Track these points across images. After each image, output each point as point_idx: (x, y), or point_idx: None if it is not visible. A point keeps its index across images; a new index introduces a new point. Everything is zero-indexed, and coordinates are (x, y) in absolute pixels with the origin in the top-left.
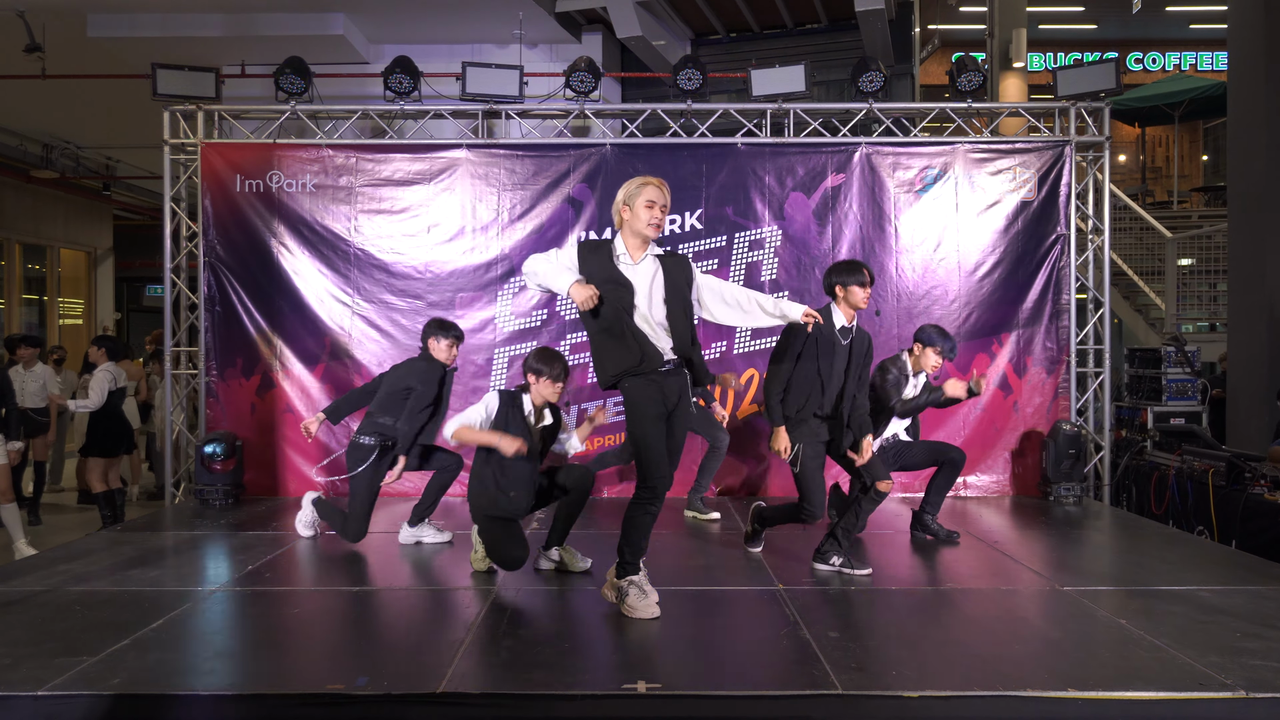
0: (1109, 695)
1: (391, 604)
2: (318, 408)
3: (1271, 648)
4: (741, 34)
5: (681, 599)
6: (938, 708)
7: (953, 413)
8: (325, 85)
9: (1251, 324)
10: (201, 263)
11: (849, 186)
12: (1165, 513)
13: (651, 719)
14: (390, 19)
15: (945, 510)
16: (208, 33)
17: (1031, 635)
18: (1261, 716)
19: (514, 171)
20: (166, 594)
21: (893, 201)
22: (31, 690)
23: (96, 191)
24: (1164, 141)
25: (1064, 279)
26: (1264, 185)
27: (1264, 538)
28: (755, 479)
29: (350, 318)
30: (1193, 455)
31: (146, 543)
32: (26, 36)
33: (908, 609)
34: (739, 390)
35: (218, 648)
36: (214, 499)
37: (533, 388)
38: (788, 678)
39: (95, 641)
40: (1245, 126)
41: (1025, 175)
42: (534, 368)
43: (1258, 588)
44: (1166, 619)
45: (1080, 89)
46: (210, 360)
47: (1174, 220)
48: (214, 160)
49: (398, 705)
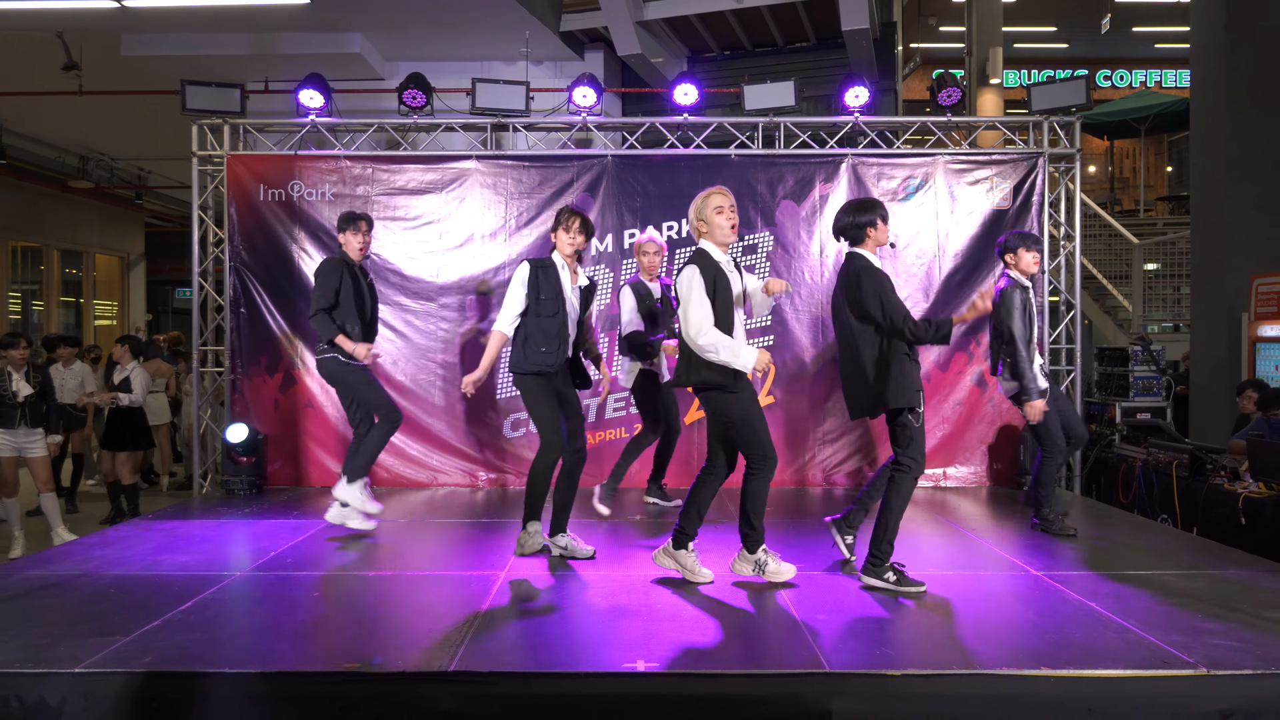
0: (1080, 673)
1: (406, 588)
2: (337, 404)
3: (1231, 628)
4: (735, 52)
5: (677, 583)
6: (919, 685)
7: (933, 408)
8: (343, 100)
9: (1212, 325)
10: (227, 267)
11: (836, 195)
12: (1132, 502)
13: (649, 695)
14: (405, 38)
15: (924, 501)
16: (233, 51)
17: (1007, 618)
18: (1221, 692)
19: (520, 181)
20: (195, 578)
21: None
22: (69, 667)
23: (129, 201)
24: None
25: (1037, 283)
26: (1224, 195)
27: (1223, 525)
28: None
29: None
30: (1158, 448)
31: (176, 530)
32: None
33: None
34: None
35: (242, 628)
36: (239, 489)
37: (557, 245)
38: (778, 657)
39: (128, 622)
40: (1206, 140)
41: (1001, 185)
42: (552, 226)
43: (1218, 572)
44: (1133, 602)
45: (1052, 104)
46: (235, 359)
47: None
48: (239, 171)
49: (411, 683)
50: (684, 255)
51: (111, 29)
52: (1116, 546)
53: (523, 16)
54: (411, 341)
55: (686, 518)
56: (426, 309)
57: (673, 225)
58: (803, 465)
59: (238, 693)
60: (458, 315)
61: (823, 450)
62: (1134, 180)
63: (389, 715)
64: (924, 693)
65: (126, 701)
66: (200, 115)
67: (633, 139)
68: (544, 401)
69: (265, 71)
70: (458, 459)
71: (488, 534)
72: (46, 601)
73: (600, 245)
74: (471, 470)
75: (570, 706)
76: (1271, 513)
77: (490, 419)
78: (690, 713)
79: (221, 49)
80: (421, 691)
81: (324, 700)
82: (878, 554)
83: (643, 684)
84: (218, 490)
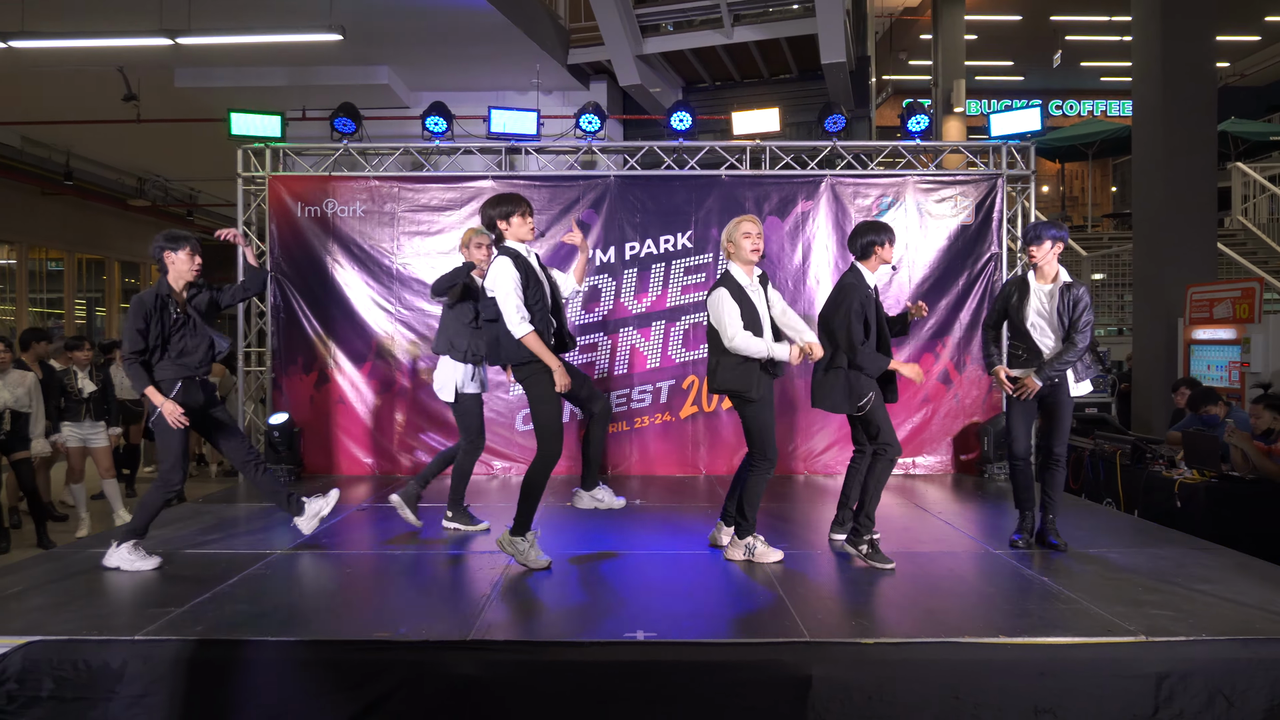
0: (1034, 640)
1: (429, 565)
2: (365, 400)
3: (1167, 599)
4: (725, 83)
5: (671, 561)
6: (890, 652)
7: (902, 403)
8: (372, 126)
9: (1152, 329)
10: (268, 276)
11: (816, 212)
12: (1081, 487)
13: (648, 662)
14: (428, 70)
15: (896, 487)
16: (274, 83)
17: (969, 591)
18: (1158, 656)
19: (532, 199)
20: (240, 556)
21: (853, 224)
22: (129, 635)
23: (181, 217)
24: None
25: (997, 290)
26: (1162, 213)
27: (1161, 508)
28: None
29: (392, 323)
30: (1103, 439)
31: (223, 513)
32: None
33: (865, 569)
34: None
35: (283, 601)
36: (281, 477)
37: (513, 233)
38: (763, 627)
39: (181, 595)
40: (1146, 164)
41: (965, 202)
42: (503, 214)
43: (1156, 550)
44: (1081, 577)
45: (1010, 131)
46: (276, 359)
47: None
48: (279, 190)
49: (434, 650)
50: (680, 264)
51: (166, 64)
52: (1066, 527)
53: (534, 51)
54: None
55: (739, 509)
56: None
57: (669, 239)
58: (787, 456)
59: (279, 658)
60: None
61: (805, 442)
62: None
63: (413, 679)
64: (895, 659)
65: (180, 666)
66: (245, 140)
67: (633, 161)
68: (553, 399)
69: (303, 101)
70: None
71: (503, 516)
72: (109, 576)
73: (604, 256)
74: (487, 460)
75: (576, 671)
76: (1203, 497)
77: (503, 414)
78: (684, 677)
79: (264, 81)
80: (442, 658)
81: (355, 665)
82: (858, 525)
83: (641, 651)
84: None
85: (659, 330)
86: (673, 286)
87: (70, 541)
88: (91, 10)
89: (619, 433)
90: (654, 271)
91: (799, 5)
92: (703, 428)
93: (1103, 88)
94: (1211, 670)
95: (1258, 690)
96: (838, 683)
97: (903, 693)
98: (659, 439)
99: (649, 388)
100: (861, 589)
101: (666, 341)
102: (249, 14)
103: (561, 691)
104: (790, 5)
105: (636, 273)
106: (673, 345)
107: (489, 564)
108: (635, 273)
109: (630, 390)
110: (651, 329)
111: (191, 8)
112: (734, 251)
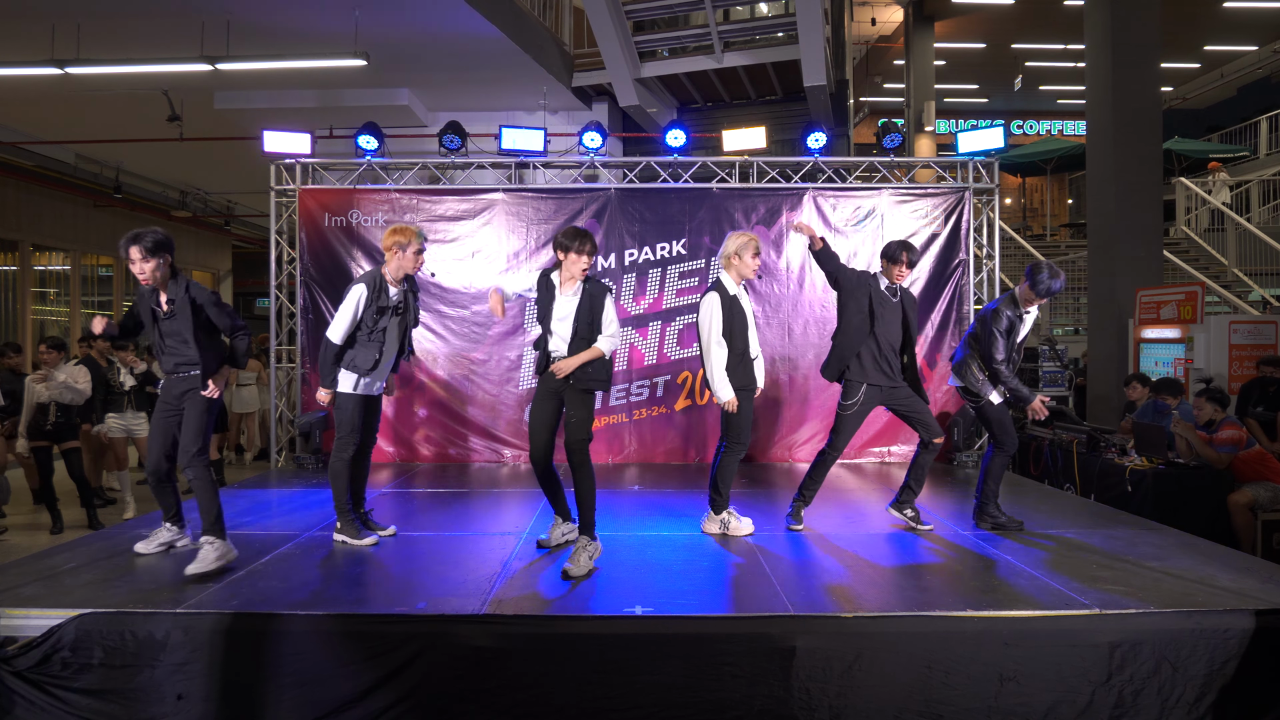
0: (997, 614)
1: (444, 546)
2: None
3: (1119, 575)
4: (716, 103)
5: (666, 542)
6: (868, 625)
7: None
8: (394, 144)
9: (1105, 329)
10: (298, 281)
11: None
12: (1041, 473)
13: (646, 634)
14: (444, 92)
15: (873, 474)
16: (304, 104)
17: (939, 568)
18: (1110, 627)
19: (539, 210)
20: (272, 536)
21: (833, 233)
22: (171, 608)
23: (219, 227)
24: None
25: (964, 294)
26: (1113, 223)
27: (1114, 492)
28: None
29: None
30: (1062, 429)
31: (256, 497)
32: (169, 109)
33: (845, 548)
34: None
35: (310, 578)
36: (308, 464)
37: (563, 264)
38: (751, 602)
39: (218, 571)
40: (1099, 178)
41: (935, 214)
42: (562, 244)
43: (1110, 530)
44: (1041, 555)
45: (976, 148)
46: (305, 356)
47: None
48: (308, 202)
49: (449, 624)
50: (675, 269)
51: (206, 87)
52: (1028, 510)
53: (541, 75)
54: (449, 342)
55: (713, 485)
56: (460, 315)
57: (665, 246)
58: (770, 446)
59: (307, 630)
60: (487, 321)
61: (787, 434)
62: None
63: (431, 650)
64: (872, 631)
65: (218, 636)
66: (277, 157)
67: (632, 175)
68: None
69: (330, 120)
70: (488, 440)
71: (511, 501)
72: (152, 556)
73: (605, 263)
74: (498, 449)
75: (581, 643)
76: (1152, 482)
77: (513, 407)
78: (680, 648)
79: (295, 103)
80: (458, 630)
81: (377, 637)
82: (901, 499)
83: (640, 625)
84: (290, 464)
85: (655, 330)
86: (668, 290)
87: (118, 523)
88: (139, 40)
89: (619, 424)
90: (651, 276)
91: (783, 33)
92: (696, 419)
93: (1059, 109)
94: (1159, 640)
95: (1198, 657)
96: (819, 653)
97: (879, 662)
98: (655, 429)
99: (646, 383)
100: (841, 566)
101: (663, 340)
102: (282, 43)
103: (567, 662)
104: (775, 33)
105: (635, 277)
106: (668, 344)
107: (499, 545)
108: (634, 277)
109: (629, 385)
110: (649, 329)
111: (230, 37)
112: (737, 265)
